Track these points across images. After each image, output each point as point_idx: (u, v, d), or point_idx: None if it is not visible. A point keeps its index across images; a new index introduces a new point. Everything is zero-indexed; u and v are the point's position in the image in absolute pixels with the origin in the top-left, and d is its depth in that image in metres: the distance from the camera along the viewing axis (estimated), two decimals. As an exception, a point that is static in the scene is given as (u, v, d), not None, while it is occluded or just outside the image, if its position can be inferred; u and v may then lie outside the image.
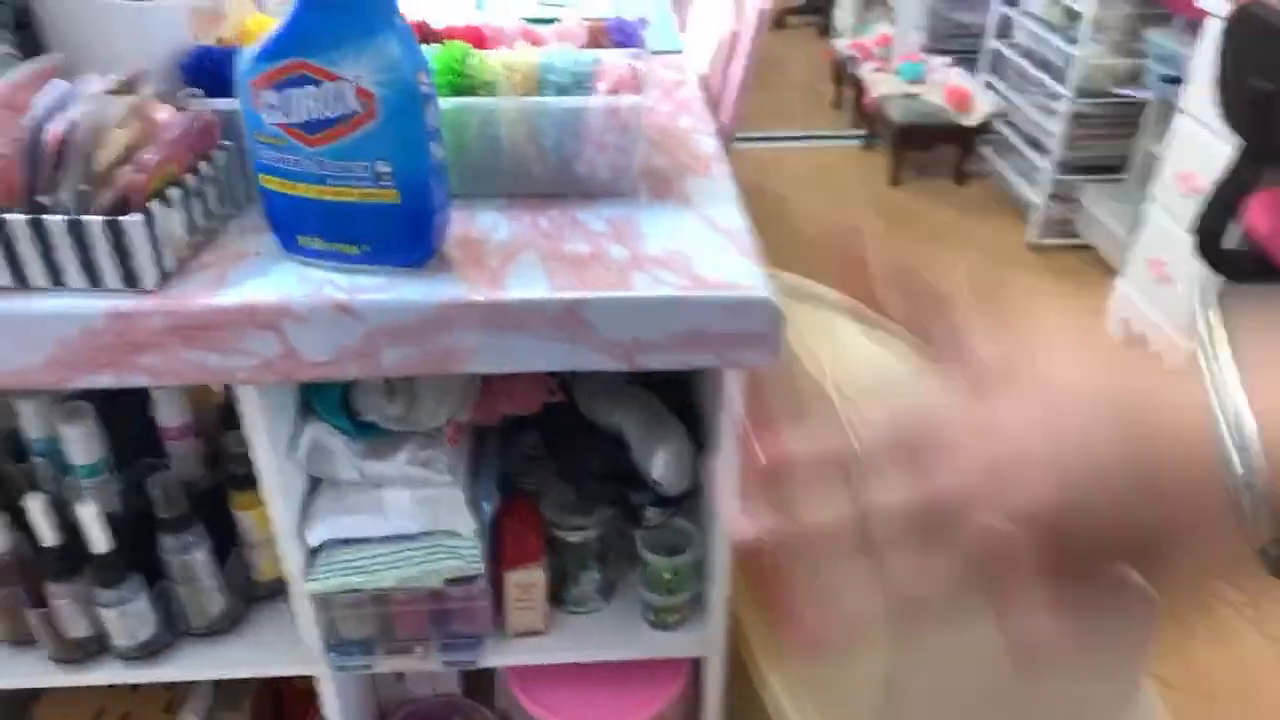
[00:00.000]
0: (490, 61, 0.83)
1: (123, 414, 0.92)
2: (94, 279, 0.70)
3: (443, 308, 0.70)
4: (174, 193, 0.72)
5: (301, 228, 0.73)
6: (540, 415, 0.95)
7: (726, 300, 0.71)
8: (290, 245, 0.74)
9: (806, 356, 0.92)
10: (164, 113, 0.75)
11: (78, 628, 0.92)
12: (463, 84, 0.83)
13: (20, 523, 0.88)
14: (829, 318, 1.07)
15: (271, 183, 0.72)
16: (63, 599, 0.90)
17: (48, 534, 0.87)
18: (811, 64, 4.63)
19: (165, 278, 0.71)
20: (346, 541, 0.89)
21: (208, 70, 0.82)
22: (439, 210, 0.73)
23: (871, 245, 0.37)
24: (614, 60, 0.86)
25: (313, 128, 0.68)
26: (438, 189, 0.72)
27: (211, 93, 0.80)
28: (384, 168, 0.69)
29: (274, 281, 0.72)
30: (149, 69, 0.78)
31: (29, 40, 0.81)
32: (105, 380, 0.72)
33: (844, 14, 4.36)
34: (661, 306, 0.71)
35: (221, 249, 0.77)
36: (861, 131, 3.71)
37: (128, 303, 0.69)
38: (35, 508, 0.86)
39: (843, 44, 3.83)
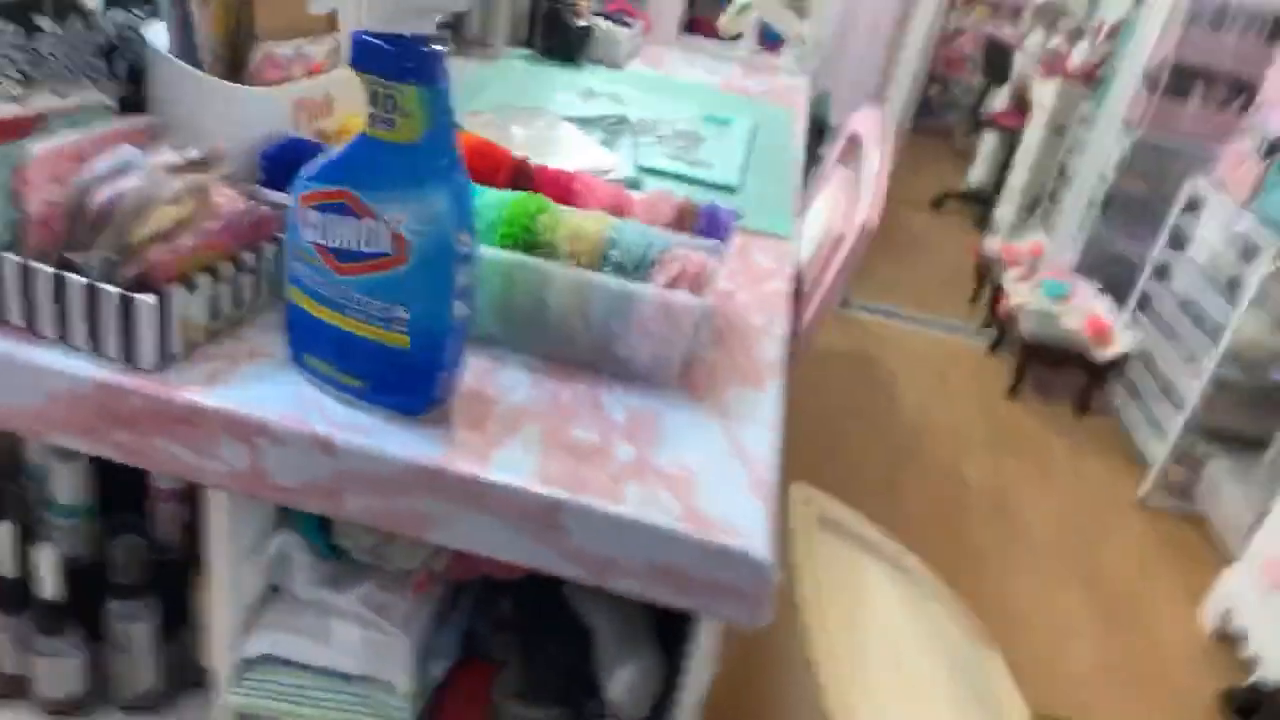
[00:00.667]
0: (561, 222, 0.81)
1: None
2: (97, 346, 0.69)
3: (418, 471, 0.66)
4: (204, 279, 0.71)
5: (312, 348, 0.71)
6: (522, 581, 0.89)
7: (715, 547, 0.64)
8: (298, 360, 0.72)
9: (813, 611, 0.82)
10: (224, 197, 0.75)
11: (5, 664, 0.89)
12: (527, 239, 0.80)
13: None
14: (862, 564, 0.97)
15: (296, 295, 0.70)
16: (1, 634, 0.88)
17: (6, 564, 0.86)
18: (960, 251, 4.56)
19: (166, 361, 0.69)
20: (285, 662, 0.84)
21: (289, 162, 0.82)
22: (448, 367, 0.70)
23: None
24: (685, 250, 0.82)
25: (344, 256, 0.66)
26: (452, 346, 0.69)
27: (285, 185, 0.81)
28: (402, 313, 0.66)
29: (268, 392, 0.69)
30: (232, 150, 0.79)
31: (138, 95, 0.83)
32: (78, 444, 0.71)
33: (1006, 211, 4.29)
34: (644, 532, 0.65)
35: (240, 341, 0.75)
36: (992, 333, 3.59)
37: (118, 377, 0.68)
38: (1, 534, 0.85)
39: (993, 243, 3.75)
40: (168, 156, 0.73)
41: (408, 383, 0.69)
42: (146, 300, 0.66)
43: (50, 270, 0.67)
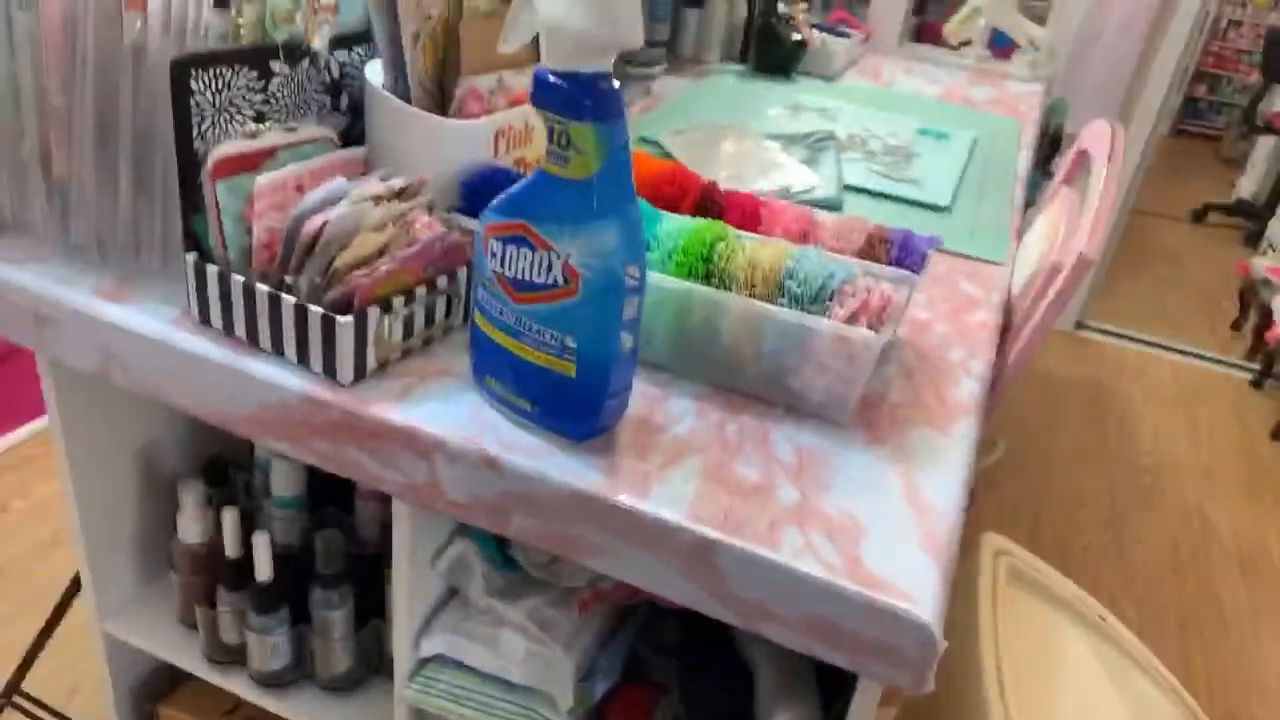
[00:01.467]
0: (738, 250, 0.80)
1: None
2: (304, 360, 0.75)
3: (577, 496, 0.67)
4: (399, 301, 0.76)
5: (491, 370, 0.74)
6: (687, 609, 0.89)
7: (874, 604, 0.61)
8: (479, 381, 0.75)
9: (993, 682, 0.77)
10: (423, 224, 0.80)
11: (229, 635, 1.00)
12: (703, 268, 0.80)
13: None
14: (1051, 620, 0.91)
15: (479, 320, 0.73)
16: (225, 606, 0.98)
17: (232, 546, 0.96)
18: (1223, 272, 4.10)
19: (361, 376, 0.75)
20: (457, 664, 0.88)
21: (487, 190, 0.86)
22: (615, 395, 0.70)
23: None
24: (870, 280, 0.78)
25: (520, 286, 0.68)
26: (618, 375, 0.69)
27: (481, 210, 0.85)
28: (570, 342, 0.67)
29: (449, 412, 0.73)
30: (436, 179, 0.84)
31: (359, 127, 0.90)
32: (283, 449, 0.77)
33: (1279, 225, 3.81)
34: (799, 581, 0.62)
35: (430, 359, 0.80)
36: (1256, 366, 3.20)
37: (320, 390, 0.74)
38: (228, 519, 0.95)
39: (1262, 264, 3.34)
40: (374, 187, 0.78)
41: (575, 409, 0.70)
42: (345, 322, 0.71)
43: (268, 290, 0.74)
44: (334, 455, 0.75)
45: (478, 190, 0.86)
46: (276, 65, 0.80)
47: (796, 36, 1.90)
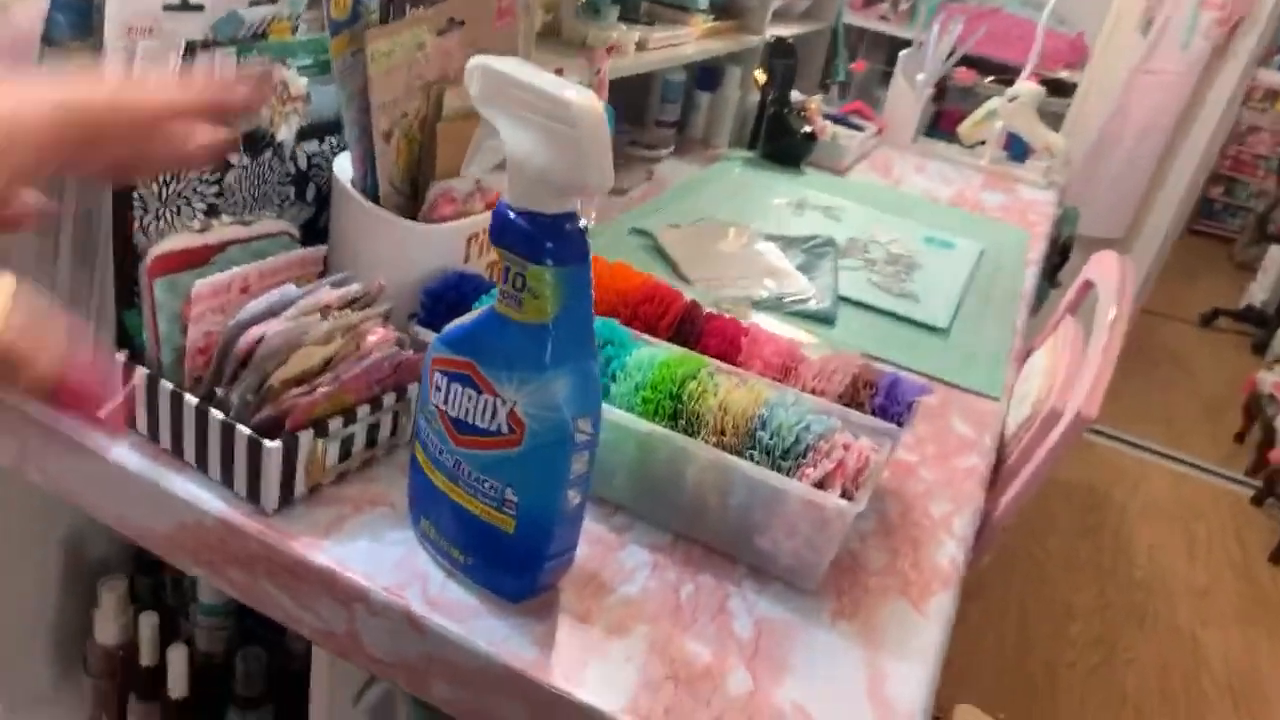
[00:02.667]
0: (710, 391, 0.74)
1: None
2: (229, 480, 0.69)
3: (502, 671, 0.60)
4: (336, 423, 0.70)
5: (426, 511, 0.67)
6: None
7: (819, 834, 0.54)
8: (414, 521, 0.69)
9: None
10: (376, 335, 0.74)
11: (138, 747, 0.93)
12: (671, 406, 0.74)
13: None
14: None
15: (419, 454, 0.67)
16: (136, 718, 0.91)
17: (148, 653, 0.89)
18: (1229, 378, 4.05)
19: (287, 503, 0.69)
20: (375, 808, 0.80)
21: (450, 299, 0.81)
22: (556, 556, 0.64)
23: None
24: (846, 437, 0.72)
25: (462, 428, 0.62)
26: (561, 535, 0.63)
27: (445, 321, 0.79)
28: (511, 495, 0.61)
29: (378, 554, 0.67)
30: (398, 284, 0.79)
31: (324, 220, 0.85)
32: (197, 572, 0.71)
33: (1288, 341, 3.76)
34: (739, 796, 0.56)
35: (368, 483, 0.74)
36: (1257, 483, 3.12)
37: (240, 516, 0.67)
38: (145, 625, 0.88)
39: (1268, 379, 3.28)
40: (325, 295, 0.73)
41: (512, 567, 0.64)
42: (272, 446, 0.65)
43: (195, 402, 0.68)
44: (250, 588, 0.69)
45: (441, 298, 0.81)
46: (235, 157, 0.75)
47: (807, 129, 1.86)
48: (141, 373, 0.70)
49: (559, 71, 1.09)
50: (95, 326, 0.75)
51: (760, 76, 1.90)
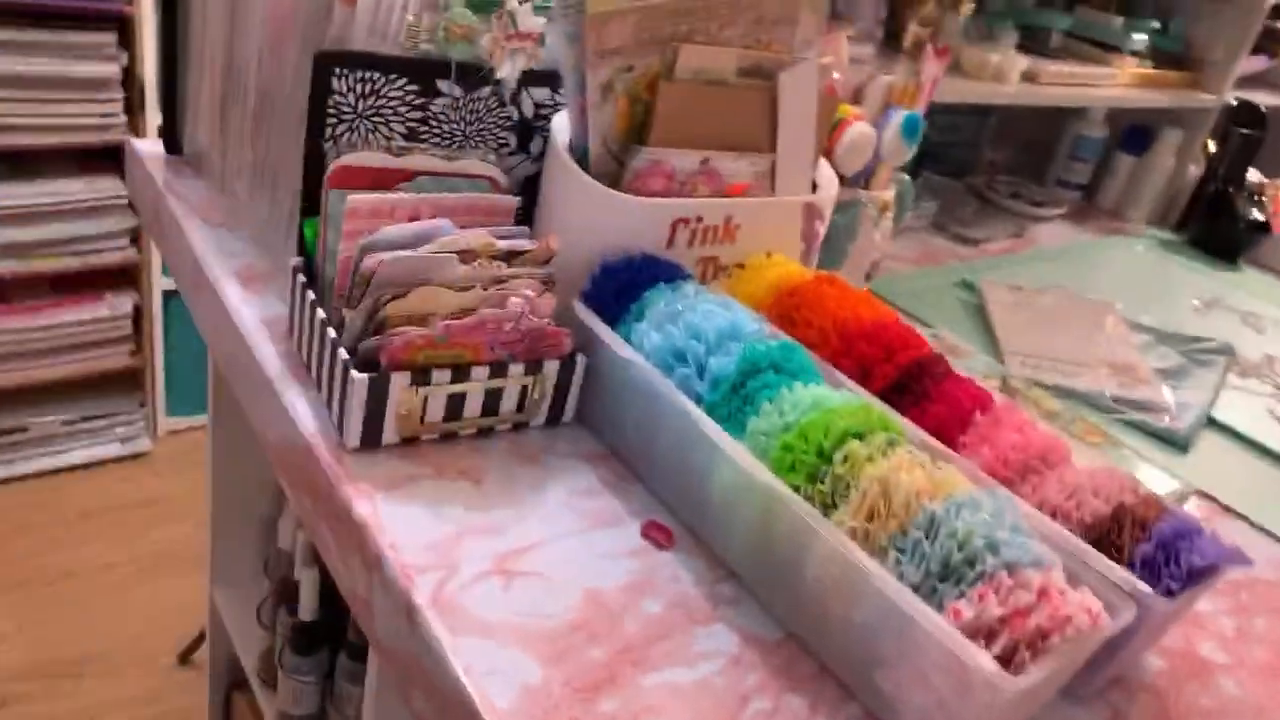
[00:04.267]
0: (869, 460, 0.54)
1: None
2: (329, 405, 0.65)
3: (460, 709, 0.48)
4: (441, 374, 0.62)
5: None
6: None
7: None
8: (477, 501, 0.59)
9: None
10: (522, 297, 0.65)
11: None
12: (815, 465, 0.56)
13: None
14: None
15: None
16: (281, 628, 0.92)
17: (297, 570, 0.90)
18: None
19: (372, 445, 0.63)
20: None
21: (624, 282, 0.70)
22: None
23: None
24: (1060, 580, 0.49)
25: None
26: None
27: (611, 304, 0.69)
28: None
29: (421, 528, 0.58)
30: (577, 251, 0.70)
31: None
32: (289, 494, 0.68)
33: None
34: None
35: (469, 452, 0.65)
36: None
37: (320, 444, 0.63)
38: (303, 539, 0.89)
39: None
40: (480, 239, 0.66)
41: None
42: (359, 379, 0.60)
43: (320, 317, 0.65)
44: (310, 521, 0.64)
45: (614, 278, 0.70)
46: (445, 85, 0.71)
47: (1259, 217, 1.45)
48: (300, 282, 0.69)
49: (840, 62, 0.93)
50: (285, 229, 0.76)
51: (1210, 146, 1.52)
